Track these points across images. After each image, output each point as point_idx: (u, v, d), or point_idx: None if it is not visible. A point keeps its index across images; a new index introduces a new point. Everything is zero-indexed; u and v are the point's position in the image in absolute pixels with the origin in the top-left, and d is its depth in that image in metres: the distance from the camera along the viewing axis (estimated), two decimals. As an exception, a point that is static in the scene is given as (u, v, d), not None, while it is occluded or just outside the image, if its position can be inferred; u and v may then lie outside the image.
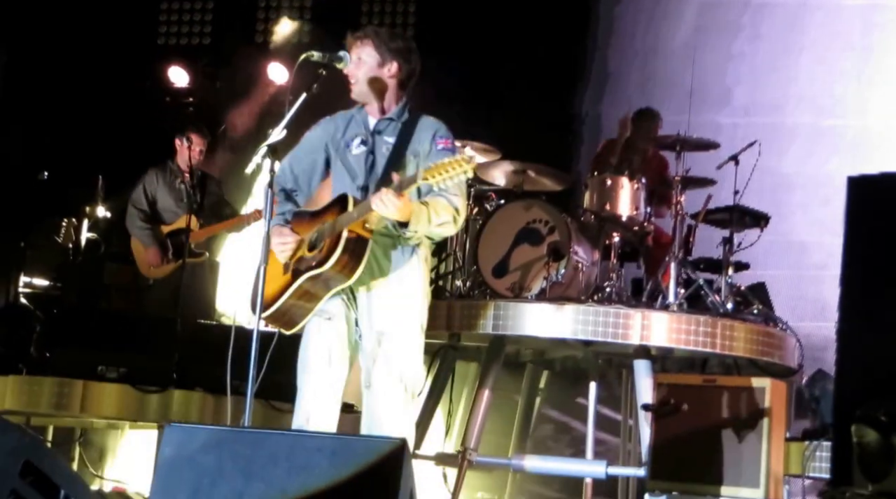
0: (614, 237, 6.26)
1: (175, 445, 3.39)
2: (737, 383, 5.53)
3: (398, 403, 4.02)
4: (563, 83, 8.30)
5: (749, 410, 5.30)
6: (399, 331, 4.07)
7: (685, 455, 5.36)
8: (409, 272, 4.12)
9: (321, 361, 4.10)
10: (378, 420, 4.02)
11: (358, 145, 4.21)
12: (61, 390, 5.87)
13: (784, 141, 8.07)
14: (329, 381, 4.10)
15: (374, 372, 4.04)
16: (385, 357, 4.04)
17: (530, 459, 6.33)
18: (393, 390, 4.02)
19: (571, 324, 5.83)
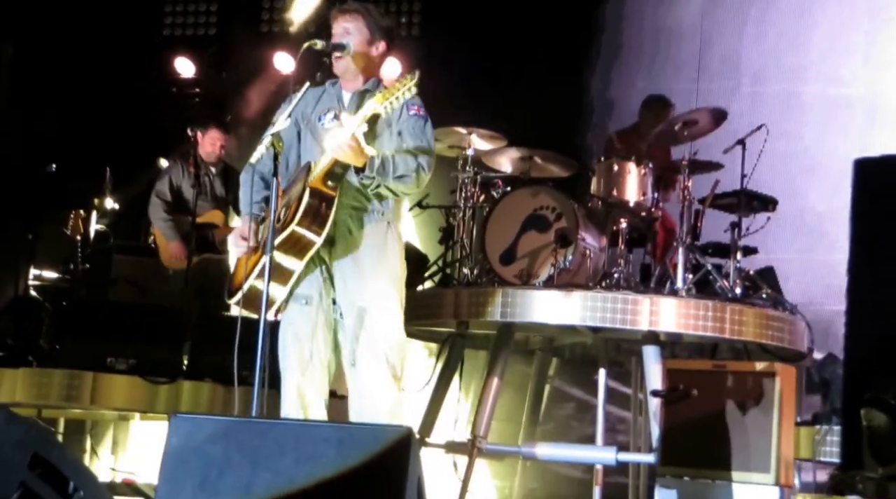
0: (622, 223, 6.23)
1: (182, 435, 3.39)
2: (746, 367, 5.49)
3: (385, 377, 4.01)
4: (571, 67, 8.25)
5: (759, 394, 5.27)
6: (379, 305, 4.06)
7: (695, 441, 5.34)
8: (384, 247, 4.10)
9: (302, 346, 4.08)
10: (367, 397, 4.00)
11: (331, 120, 4.17)
12: (71, 382, 5.90)
13: (797, 113, 8.02)
14: (313, 363, 4.07)
15: (357, 350, 4.02)
16: (367, 333, 4.02)
17: (540, 446, 6.31)
18: (378, 365, 4.01)
19: (580, 310, 5.81)
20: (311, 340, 4.07)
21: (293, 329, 4.09)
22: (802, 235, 7.88)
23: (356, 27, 4.18)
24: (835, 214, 6.67)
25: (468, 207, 6.62)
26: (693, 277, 6.16)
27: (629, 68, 8.36)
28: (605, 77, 8.38)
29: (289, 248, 3.97)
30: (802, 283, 7.51)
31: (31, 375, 6.05)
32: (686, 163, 6.27)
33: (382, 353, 4.02)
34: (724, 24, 8.34)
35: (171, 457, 3.36)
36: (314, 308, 4.09)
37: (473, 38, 8.34)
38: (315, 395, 4.07)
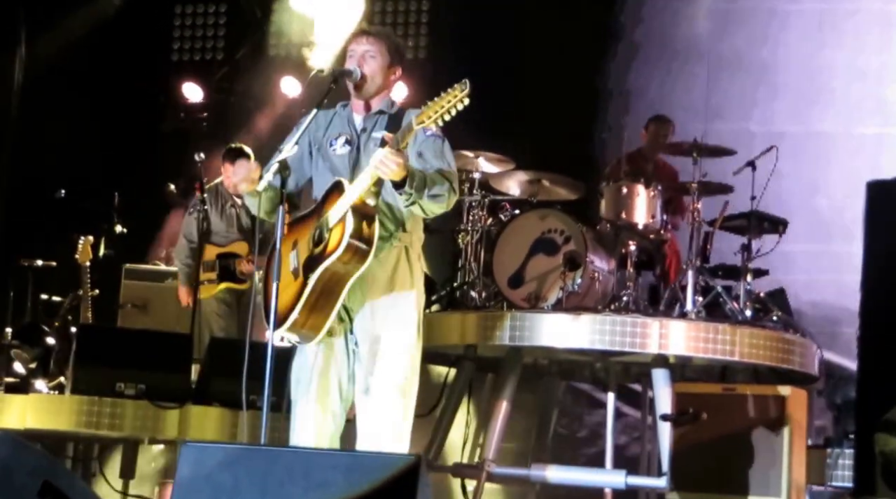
0: (630, 246, 6.23)
1: (191, 464, 3.37)
2: (756, 391, 5.49)
3: (395, 409, 3.98)
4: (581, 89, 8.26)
5: (769, 418, 5.27)
6: (393, 334, 4.02)
7: (705, 465, 5.33)
8: (400, 274, 4.06)
9: (320, 377, 4.04)
10: (375, 427, 3.97)
11: (343, 145, 4.13)
12: (80, 408, 5.89)
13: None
14: (331, 395, 4.05)
15: (370, 379, 4.00)
16: (381, 362, 3.99)
17: (549, 469, 6.28)
18: (390, 397, 3.97)
19: (588, 334, 5.80)
20: (331, 371, 4.04)
21: (310, 360, 4.06)
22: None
23: (378, 50, 4.17)
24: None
25: (476, 230, 6.62)
26: (703, 300, 6.14)
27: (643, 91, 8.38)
28: (619, 101, 8.37)
29: (334, 274, 3.92)
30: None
31: (40, 401, 6.05)
32: (695, 185, 6.26)
33: (394, 384, 3.99)
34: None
35: (181, 486, 3.35)
36: (331, 339, 4.07)
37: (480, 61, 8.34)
38: (331, 425, 4.05)
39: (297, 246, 4.04)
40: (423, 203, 3.93)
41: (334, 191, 4.01)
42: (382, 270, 4.03)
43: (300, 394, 4.07)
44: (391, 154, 3.79)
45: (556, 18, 8.31)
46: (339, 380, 4.04)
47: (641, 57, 8.46)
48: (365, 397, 4.00)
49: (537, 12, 8.42)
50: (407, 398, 4.00)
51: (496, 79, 8.32)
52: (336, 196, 3.99)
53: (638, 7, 8.48)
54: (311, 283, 3.89)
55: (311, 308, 3.93)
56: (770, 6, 8.44)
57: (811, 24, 8.33)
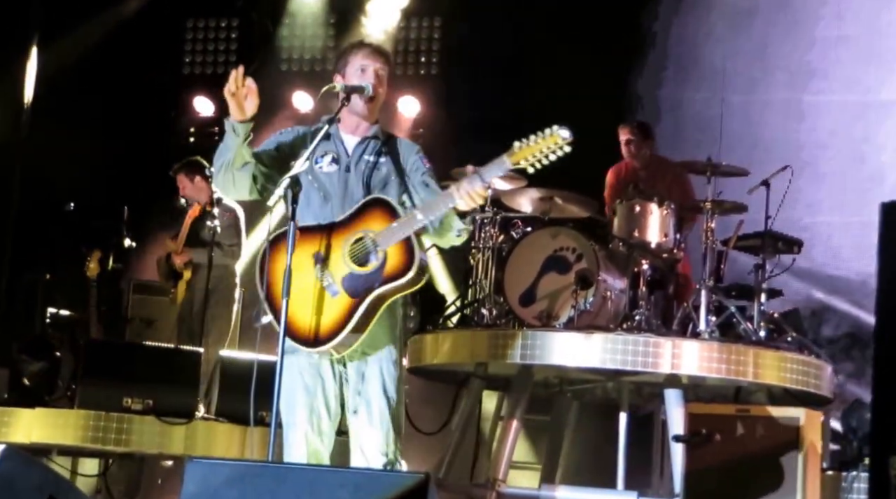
0: (643, 264, 6.17)
1: (197, 481, 3.34)
2: (770, 412, 5.41)
3: (386, 426, 3.96)
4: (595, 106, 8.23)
5: (783, 440, 5.19)
6: (380, 354, 3.99)
7: (718, 487, 5.25)
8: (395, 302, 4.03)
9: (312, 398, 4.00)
10: (369, 447, 3.94)
11: (330, 163, 4.08)
12: (87, 423, 5.87)
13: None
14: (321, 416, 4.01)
15: (359, 399, 3.97)
16: (369, 382, 3.96)
17: (560, 490, 6.22)
18: (381, 413, 3.95)
19: (600, 353, 5.74)
20: (318, 391, 4.01)
21: (302, 381, 4.01)
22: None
23: (386, 74, 4.15)
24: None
25: (488, 247, 6.58)
26: (716, 320, 6.08)
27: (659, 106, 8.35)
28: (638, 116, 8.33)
29: (384, 297, 3.90)
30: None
31: (47, 415, 6.02)
32: (709, 204, 6.21)
33: (383, 402, 3.96)
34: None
35: (187, 502, 3.31)
36: (321, 360, 4.02)
37: (491, 78, 8.33)
38: (321, 445, 4.02)
39: (325, 261, 3.93)
40: (453, 239, 4.00)
41: (375, 208, 3.95)
42: None
43: (290, 417, 4.03)
44: (482, 190, 3.79)
45: (567, 35, 8.29)
46: (325, 400, 4.02)
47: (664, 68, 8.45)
48: (354, 417, 3.98)
49: (548, 30, 8.40)
50: (396, 419, 4.00)
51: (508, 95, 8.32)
52: (381, 214, 3.92)
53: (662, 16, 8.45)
54: (366, 304, 3.85)
55: (357, 327, 3.89)
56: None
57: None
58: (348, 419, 4.02)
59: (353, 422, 4.00)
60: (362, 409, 3.96)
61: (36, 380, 6.32)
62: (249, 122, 4.00)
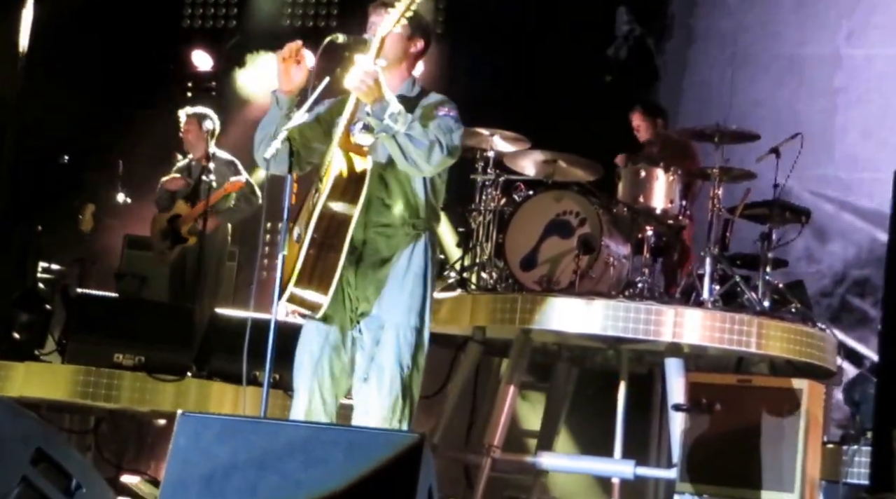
0: (647, 231, 6.08)
1: (189, 435, 3.29)
2: (772, 383, 5.36)
3: (396, 399, 3.84)
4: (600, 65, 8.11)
5: (785, 412, 5.13)
6: (400, 323, 3.88)
7: (717, 457, 5.20)
8: (412, 263, 3.92)
9: (317, 365, 3.92)
10: (373, 418, 3.84)
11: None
12: (77, 378, 5.78)
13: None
14: (324, 383, 3.92)
15: (372, 367, 3.86)
16: (384, 352, 3.85)
17: (557, 458, 6.17)
18: (392, 386, 3.84)
19: (601, 320, 5.67)
20: (324, 359, 3.92)
21: (308, 348, 3.94)
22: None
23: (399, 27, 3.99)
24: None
25: (489, 210, 6.48)
26: (720, 289, 6.00)
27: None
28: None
29: (329, 225, 3.75)
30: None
31: (37, 369, 5.93)
32: (717, 171, 6.10)
33: (396, 374, 3.85)
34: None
35: (177, 456, 3.25)
36: (331, 327, 3.93)
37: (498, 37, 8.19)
38: (321, 414, 3.92)
39: (303, 215, 3.90)
40: (400, 140, 3.74)
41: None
42: (393, 257, 3.88)
43: (296, 382, 3.96)
44: (363, 65, 3.66)
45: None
46: (331, 368, 3.92)
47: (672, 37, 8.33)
48: (364, 385, 3.86)
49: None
50: (408, 390, 3.86)
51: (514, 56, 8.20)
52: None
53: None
54: (309, 233, 3.74)
55: (313, 262, 3.76)
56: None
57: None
58: (355, 388, 3.91)
59: (361, 389, 3.88)
60: (374, 376, 3.85)
61: (26, 334, 6.22)
62: (295, 94, 3.90)
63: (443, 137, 3.80)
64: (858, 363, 7.31)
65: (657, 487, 6.58)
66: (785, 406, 5.16)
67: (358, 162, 3.77)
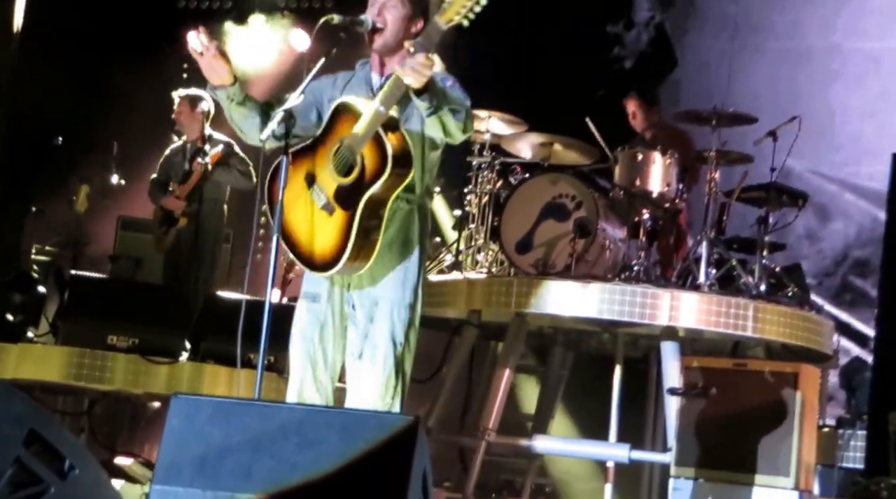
0: (644, 214, 6.05)
1: (182, 416, 3.25)
2: (768, 367, 5.33)
3: (390, 374, 3.82)
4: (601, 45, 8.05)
5: (780, 396, 5.11)
6: (394, 298, 3.85)
7: (713, 441, 5.18)
8: (406, 237, 3.88)
9: (309, 345, 3.90)
10: (367, 393, 3.82)
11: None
12: (70, 360, 5.76)
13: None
14: (317, 363, 3.90)
15: (366, 343, 3.84)
16: (378, 326, 3.83)
17: (552, 441, 6.15)
18: (386, 361, 3.82)
19: (597, 303, 5.65)
20: (317, 339, 3.90)
21: (300, 327, 3.91)
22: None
23: (397, 4, 3.95)
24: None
25: (485, 192, 6.45)
26: (716, 273, 5.97)
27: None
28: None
29: (379, 197, 3.72)
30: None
31: (30, 351, 5.91)
32: (713, 154, 6.07)
33: (389, 349, 3.83)
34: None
35: (170, 438, 3.22)
36: (322, 306, 3.90)
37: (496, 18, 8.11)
38: (315, 395, 3.90)
39: (316, 180, 3.81)
40: (443, 116, 3.70)
41: (342, 114, 3.80)
42: (388, 233, 3.85)
43: (291, 362, 3.94)
44: (425, 58, 3.56)
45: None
46: (323, 348, 3.90)
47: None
48: (358, 361, 3.84)
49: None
50: (401, 366, 3.84)
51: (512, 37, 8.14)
52: (347, 119, 3.78)
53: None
54: (359, 212, 3.69)
55: (362, 238, 3.73)
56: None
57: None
58: (348, 364, 3.89)
59: (354, 366, 3.86)
60: (367, 353, 3.83)
61: (20, 315, 6.19)
62: (229, 86, 3.82)
63: (467, 103, 3.80)
64: (862, 343, 7.31)
65: (652, 470, 6.58)
66: (781, 390, 5.15)
67: (401, 140, 3.75)
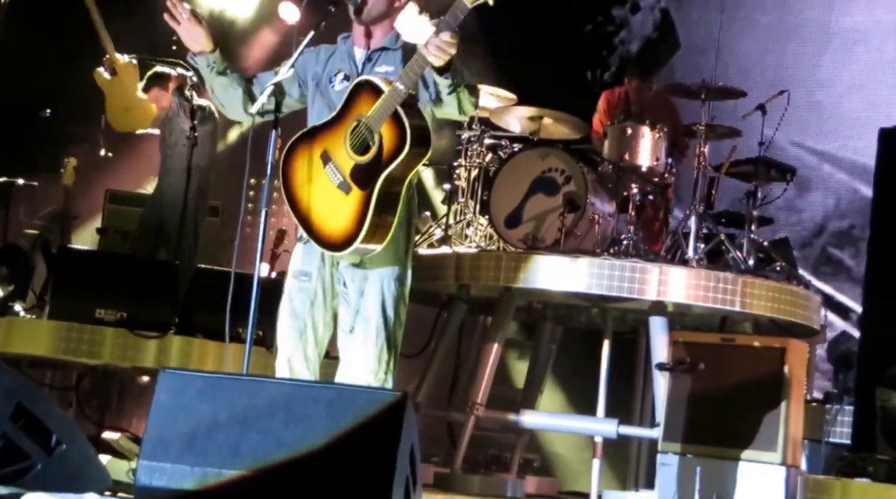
0: (633, 188, 6.04)
1: (170, 391, 3.25)
2: (756, 342, 5.33)
3: (382, 349, 3.83)
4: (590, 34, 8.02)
5: (768, 371, 5.11)
6: (383, 273, 3.85)
7: (700, 417, 5.19)
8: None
9: (296, 321, 3.90)
10: (353, 369, 3.82)
11: (341, 81, 3.90)
12: (58, 333, 5.73)
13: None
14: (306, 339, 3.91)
15: (357, 318, 3.84)
16: (368, 302, 3.83)
17: (540, 416, 6.16)
18: (377, 336, 3.83)
19: (586, 278, 5.65)
20: (306, 316, 3.90)
21: (290, 305, 3.91)
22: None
23: None
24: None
25: (474, 166, 6.42)
26: (705, 247, 5.97)
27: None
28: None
29: (396, 175, 3.71)
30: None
31: (18, 324, 5.88)
32: (702, 128, 6.06)
33: (380, 324, 3.83)
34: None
35: (158, 413, 3.22)
36: (312, 284, 3.90)
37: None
38: (305, 371, 3.90)
39: (332, 159, 3.79)
40: (461, 93, 3.71)
41: (362, 92, 3.76)
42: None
43: (280, 338, 3.93)
44: (451, 37, 3.52)
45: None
46: (314, 324, 3.90)
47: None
48: (349, 336, 3.85)
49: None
50: (393, 339, 3.84)
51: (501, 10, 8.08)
52: (367, 96, 3.74)
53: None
54: (377, 191, 3.68)
55: (378, 218, 3.71)
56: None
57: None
58: (340, 340, 3.89)
59: (346, 341, 3.86)
60: (359, 327, 3.83)
61: (7, 288, 6.16)
62: (209, 53, 3.81)
63: (475, 81, 3.83)
64: (844, 316, 7.35)
65: (640, 446, 6.61)
66: (768, 365, 5.15)
67: (420, 117, 3.73)
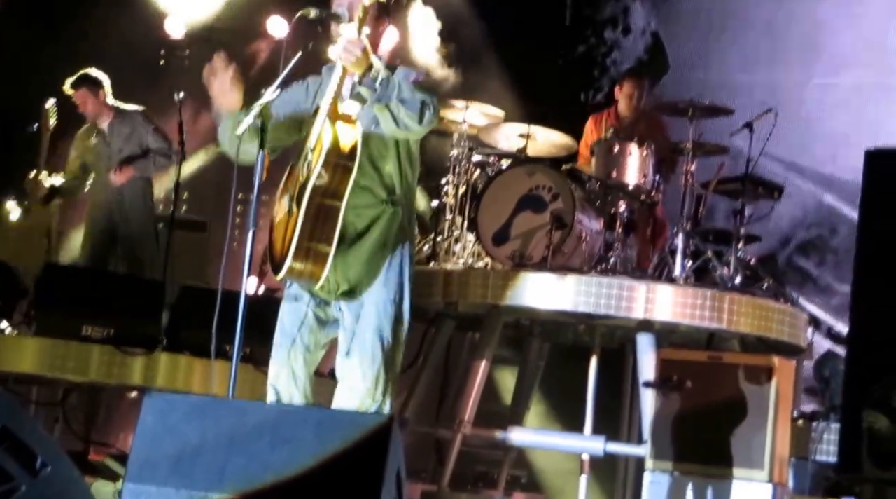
0: (620, 206, 6.06)
1: (156, 414, 3.25)
2: (743, 360, 5.34)
3: (378, 371, 3.85)
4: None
5: (755, 388, 5.12)
6: (379, 299, 3.87)
7: (688, 434, 5.20)
8: (389, 239, 3.89)
9: (286, 341, 3.93)
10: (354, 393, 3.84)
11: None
12: (45, 350, 5.70)
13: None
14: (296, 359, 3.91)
15: (354, 342, 3.85)
16: (364, 327, 3.84)
17: (527, 433, 6.15)
18: (374, 361, 3.85)
19: (573, 295, 5.65)
20: (296, 335, 3.91)
21: (281, 323, 3.96)
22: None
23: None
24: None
25: (462, 183, 6.43)
26: (692, 264, 5.99)
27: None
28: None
29: (325, 195, 3.72)
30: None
31: (4, 342, 5.85)
32: (689, 146, 6.08)
33: (375, 347, 3.84)
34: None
35: (143, 436, 3.21)
36: (303, 305, 3.92)
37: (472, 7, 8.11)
38: (292, 388, 3.90)
39: (291, 187, 3.85)
40: (392, 107, 3.71)
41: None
42: (372, 236, 3.87)
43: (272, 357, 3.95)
44: (354, 38, 3.60)
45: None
46: (304, 343, 3.91)
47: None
48: (346, 359, 3.86)
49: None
50: (390, 362, 3.86)
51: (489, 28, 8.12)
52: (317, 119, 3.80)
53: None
54: (303, 208, 3.70)
55: (308, 239, 3.72)
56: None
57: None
58: (338, 363, 3.90)
59: (343, 364, 3.87)
60: (355, 350, 3.84)
61: (-5, 304, 6.13)
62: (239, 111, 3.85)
63: (428, 98, 3.78)
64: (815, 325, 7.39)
65: (627, 463, 6.60)
66: (755, 383, 5.16)
67: (348, 131, 3.74)
